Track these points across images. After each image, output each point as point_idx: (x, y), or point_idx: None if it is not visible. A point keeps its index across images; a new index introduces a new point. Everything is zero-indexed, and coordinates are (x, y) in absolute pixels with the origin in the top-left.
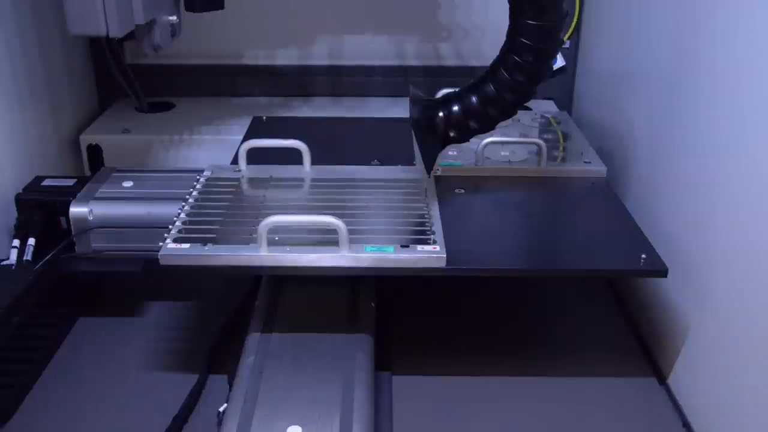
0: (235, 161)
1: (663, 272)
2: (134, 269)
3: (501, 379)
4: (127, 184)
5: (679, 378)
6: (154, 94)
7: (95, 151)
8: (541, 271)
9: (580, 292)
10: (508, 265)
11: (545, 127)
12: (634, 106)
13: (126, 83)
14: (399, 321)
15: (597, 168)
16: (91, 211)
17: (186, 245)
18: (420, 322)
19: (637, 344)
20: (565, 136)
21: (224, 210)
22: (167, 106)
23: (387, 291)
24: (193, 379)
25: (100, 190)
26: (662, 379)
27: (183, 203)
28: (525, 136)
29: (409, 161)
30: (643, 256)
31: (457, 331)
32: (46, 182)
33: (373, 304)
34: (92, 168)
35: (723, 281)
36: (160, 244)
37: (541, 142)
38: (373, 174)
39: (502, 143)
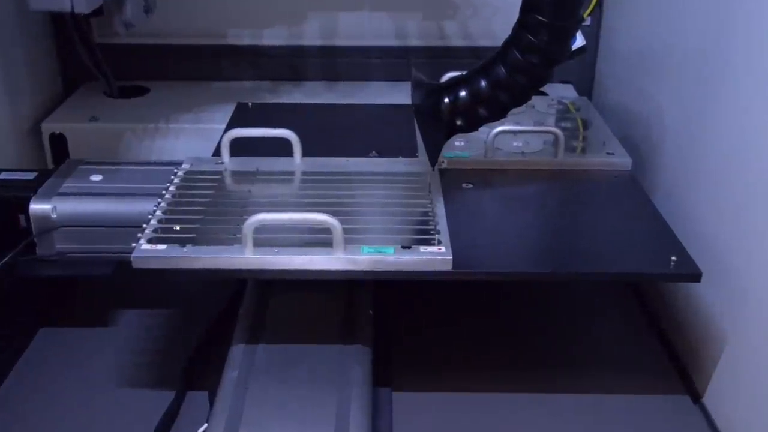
0: (217, 153)
1: (696, 276)
2: (104, 273)
3: (514, 397)
4: (96, 177)
5: (715, 396)
6: (126, 77)
7: (59, 141)
8: (558, 274)
9: (603, 298)
10: (521, 268)
11: (563, 114)
12: (664, 90)
13: (94, 65)
14: (400, 330)
15: (621, 160)
16: (54, 209)
17: (162, 246)
18: (423, 332)
19: (668, 358)
20: (585, 125)
21: (205, 207)
22: (141, 91)
23: (386, 297)
24: (169, 396)
25: (65, 184)
26: (696, 397)
27: (159, 199)
28: (540, 124)
29: (411, 153)
30: (674, 258)
31: (464, 341)
32: (3, 175)
33: (371, 312)
34: (56, 160)
35: (764, 287)
36: (133, 245)
37: (558, 131)
38: (370, 167)
39: (515, 132)
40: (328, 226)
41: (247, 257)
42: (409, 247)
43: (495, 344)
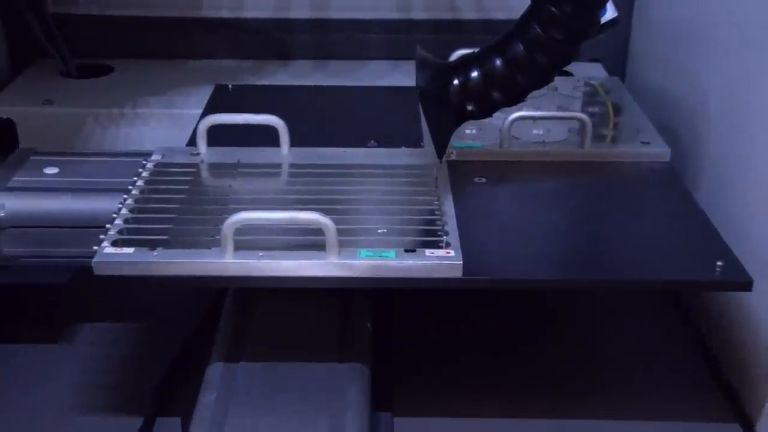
0: (192, 142)
1: (746, 284)
2: (59, 282)
3: (534, 424)
4: (51, 170)
5: None
6: (86, 54)
7: (7, 127)
8: (585, 283)
9: (637, 311)
10: (542, 276)
11: (591, 97)
12: (709, 69)
13: (47, 40)
14: (402, 346)
15: (658, 150)
16: (2, 206)
17: (129, 250)
18: (429, 348)
19: (714, 379)
20: (617, 109)
21: (178, 205)
22: (103, 70)
23: (387, 308)
24: (136, 424)
25: (15, 178)
26: (749, 426)
27: (125, 196)
28: (564, 109)
29: (416, 142)
30: (720, 263)
31: (476, 360)
32: None
33: (369, 325)
34: (3, 149)
35: None
36: (95, 248)
37: (584, 117)
38: (369, 158)
39: (535, 119)
40: (320, 227)
41: (227, 262)
42: (413, 251)
43: (511, 363)
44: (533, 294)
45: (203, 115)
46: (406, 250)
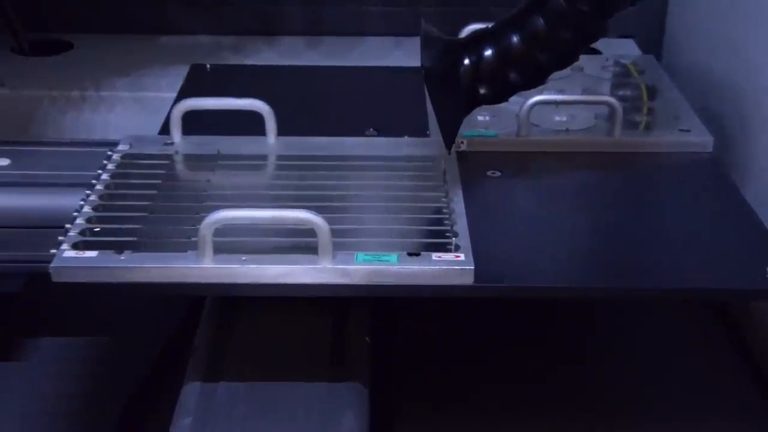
0: (165, 130)
1: None
2: (11, 290)
3: None
4: (2, 162)
5: None
6: (41, 28)
7: None
8: (615, 291)
9: (677, 323)
10: (565, 283)
11: (621, 79)
12: (758, 45)
13: None
14: (404, 363)
15: (699, 139)
16: None
17: (92, 253)
18: (434, 366)
19: (763, 398)
20: (651, 92)
21: (149, 202)
22: (61, 47)
23: (387, 318)
24: None
25: None
26: None
27: (87, 191)
28: (591, 92)
29: (421, 131)
30: None
31: (487, 378)
32: None
33: (367, 340)
34: None
35: None
36: (53, 251)
37: (614, 101)
38: (367, 149)
39: (557, 103)
40: (312, 227)
41: (206, 267)
42: (418, 254)
43: (527, 382)
44: (555, 304)
45: (177, 99)
46: (410, 254)
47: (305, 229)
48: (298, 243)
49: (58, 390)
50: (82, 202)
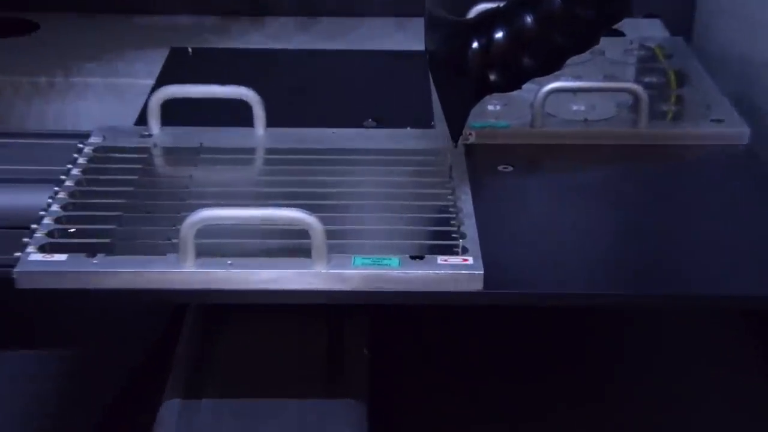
0: (142, 120)
1: None
2: None
3: None
4: None
5: None
6: (3, 6)
7: None
8: (639, 298)
9: (706, 334)
10: (584, 289)
11: (647, 63)
12: None
13: None
14: (405, 377)
15: (734, 130)
16: None
17: (61, 256)
18: (438, 380)
19: None
20: (680, 79)
21: (124, 200)
22: (26, 27)
23: (387, 328)
24: None
25: None
26: None
27: (56, 188)
28: (613, 78)
29: (425, 121)
30: None
31: (496, 394)
32: None
33: (366, 352)
34: None
35: None
36: (17, 255)
37: (639, 88)
38: (366, 142)
39: (576, 91)
40: (305, 228)
41: (187, 272)
42: (422, 257)
43: (541, 399)
44: (572, 312)
45: (156, 85)
46: (412, 257)
47: (297, 230)
48: (290, 245)
49: (24, 408)
50: (50, 200)
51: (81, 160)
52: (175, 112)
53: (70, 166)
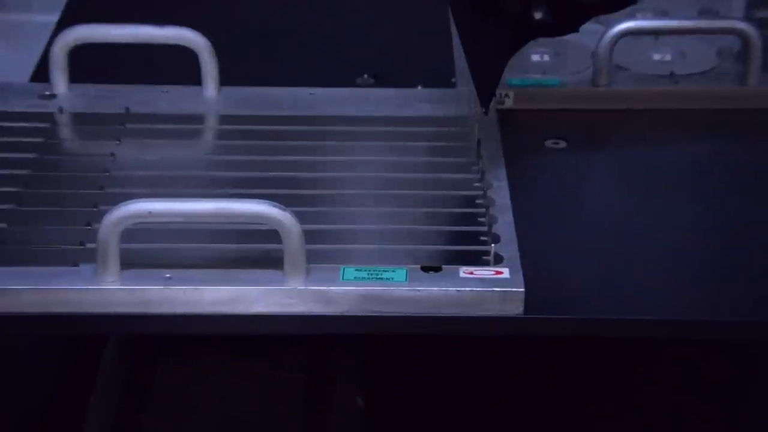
0: (41, 75)
1: None
2: None
3: None
4: None
5: None
6: None
7: None
8: (724, 326)
9: None
10: (661, 314)
11: None
12: None
13: None
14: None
15: None
16: None
17: None
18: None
19: None
20: None
21: (19, 188)
22: None
23: (388, 367)
24: None
25: None
26: None
27: None
28: (713, 15)
29: (443, 78)
30: None
31: None
32: None
33: (360, 401)
34: None
35: None
36: None
37: (749, 27)
38: (360, 106)
39: (657, 33)
40: (274, 227)
41: (108, 289)
42: (438, 269)
43: None
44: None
45: (59, 25)
46: (425, 268)
47: (263, 230)
48: (253, 253)
49: None
50: None
51: None
52: (90, 64)
53: None
